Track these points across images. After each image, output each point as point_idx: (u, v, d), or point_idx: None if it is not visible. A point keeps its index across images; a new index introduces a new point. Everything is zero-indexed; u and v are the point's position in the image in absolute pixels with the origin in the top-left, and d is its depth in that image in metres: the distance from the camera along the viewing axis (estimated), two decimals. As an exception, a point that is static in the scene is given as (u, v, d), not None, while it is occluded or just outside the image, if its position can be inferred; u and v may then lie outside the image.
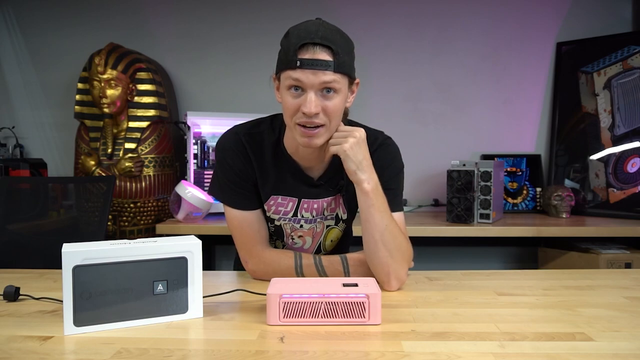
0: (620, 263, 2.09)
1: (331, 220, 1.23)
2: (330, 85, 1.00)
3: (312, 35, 0.99)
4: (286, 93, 1.03)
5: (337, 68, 1.00)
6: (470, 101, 2.71)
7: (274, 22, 2.68)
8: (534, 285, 1.15)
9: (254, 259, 1.17)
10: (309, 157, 1.15)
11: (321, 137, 1.05)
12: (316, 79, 0.99)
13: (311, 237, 1.24)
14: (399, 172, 1.20)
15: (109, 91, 2.25)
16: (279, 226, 1.22)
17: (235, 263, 1.40)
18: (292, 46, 1.00)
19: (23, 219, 1.82)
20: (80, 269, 0.82)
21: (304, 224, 1.22)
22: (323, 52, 0.99)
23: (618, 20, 2.63)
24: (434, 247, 2.56)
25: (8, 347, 0.78)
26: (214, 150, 1.13)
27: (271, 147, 1.16)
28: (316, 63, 0.98)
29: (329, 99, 1.01)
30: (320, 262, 1.14)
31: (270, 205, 1.19)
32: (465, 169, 2.17)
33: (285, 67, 1.01)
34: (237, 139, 1.16)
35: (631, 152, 2.38)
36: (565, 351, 0.75)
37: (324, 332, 0.84)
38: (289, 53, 1.00)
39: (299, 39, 0.99)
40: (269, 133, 1.17)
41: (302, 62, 0.98)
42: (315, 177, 1.18)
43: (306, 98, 1.00)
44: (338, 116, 1.05)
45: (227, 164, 1.16)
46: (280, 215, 1.20)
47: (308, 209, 1.20)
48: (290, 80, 1.00)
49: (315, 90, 1.00)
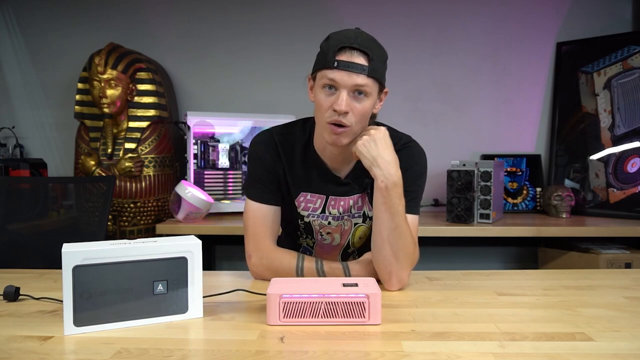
0: (620, 263, 2.09)
1: (358, 218, 1.25)
2: (362, 89, 1.06)
3: (352, 41, 1.06)
4: (320, 91, 1.08)
5: (371, 73, 1.06)
6: (470, 101, 2.71)
7: (274, 22, 2.68)
8: (534, 285, 1.15)
9: (258, 253, 1.18)
10: (336, 157, 1.19)
11: (346, 137, 1.10)
12: (350, 80, 1.04)
13: (339, 234, 1.27)
14: (420, 177, 1.22)
15: (109, 91, 2.25)
16: (308, 223, 1.25)
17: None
18: (331, 48, 1.06)
19: (23, 219, 1.82)
20: (80, 269, 0.83)
21: (332, 221, 1.24)
22: (360, 57, 1.05)
23: (618, 20, 2.63)
24: (434, 247, 2.55)
25: (8, 347, 0.78)
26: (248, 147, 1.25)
27: (301, 147, 1.22)
28: (352, 66, 1.04)
29: (359, 101, 1.07)
30: (321, 267, 1.15)
31: (300, 202, 1.23)
32: (465, 169, 2.17)
33: (322, 66, 1.07)
34: (270, 137, 1.22)
35: (631, 152, 2.38)
36: (565, 351, 0.75)
37: (324, 332, 0.84)
38: (327, 54, 1.06)
39: (339, 42, 1.06)
40: (300, 134, 1.22)
41: (339, 63, 1.04)
42: (342, 176, 1.22)
43: (338, 96, 1.05)
44: (364, 119, 1.10)
45: (257, 157, 1.21)
46: (310, 212, 1.24)
47: (335, 206, 1.23)
48: (326, 79, 1.06)
49: (348, 91, 1.05)
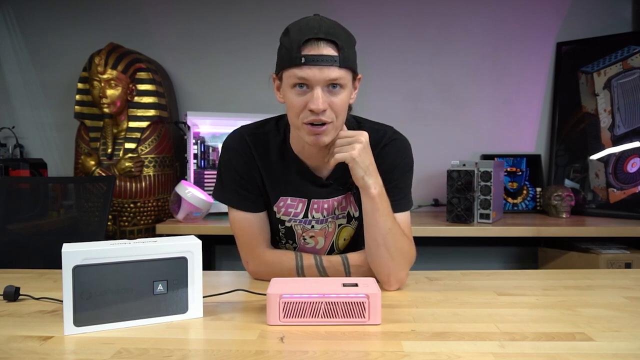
0: (620, 263, 2.09)
1: (343, 219, 1.20)
2: (336, 81, 0.98)
3: (316, 31, 0.96)
4: (290, 91, 1.00)
5: (343, 63, 0.97)
6: (470, 101, 2.71)
7: (274, 22, 2.66)
8: (534, 285, 1.15)
9: (255, 260, 1.16)
10: (316, 157, 1.12)
11: (329, 135, 1.02)
12: (322, 75, 0.96)
13: (323, 237, 1.22)
14: (409, 170, 1.17)
15: (109, 91, 2.24)
16: (289, 227, 1.20)
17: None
18: (294, 43, 0.96)
19: (23, 219, 1.82)
20: (80, 269, 0.82)
21: (315, 225, 1.19)
22: (328, 47, 0.96)
23: (618, 20, 2.63)
24: (434, 247, 2.56)
25: (8, 347, 0.78)
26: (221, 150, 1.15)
27: (277, 147, 1.14)
28: (322, 59, 0.95)
29: (335, 95, 0.99)
30: (321, 263, 1.13)
31: (280, 207, 1.17)
32: (465, 169, 2.17)
33: (288, 64, 0.98)
34: (242, 139, 1.14)
35: (631, 152, 2.38)
36: (565, 351, 0.75)
37: (324, 332, 0.84)
38: (291, 50, 0.96)
39: (302, 34, 0.96)
40: (274, 133, 1.15)
41: (307, 59, 0.95)
42: (324, 177, 1.15)
43: (313, 95, 0.97)
44: (344, 112, 1.03)
45: (231, 165, 1.14)
46: (291, 217, 1.18)
47: (318, 209, 1.17)
48: (295, 78, 0.97)
49: (322, 87, 0.97)
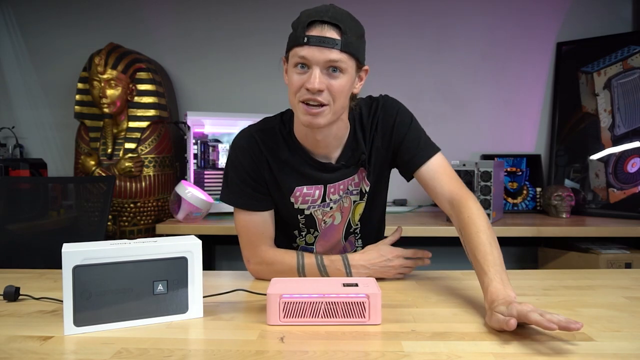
0: (620, 263, 2.09)
1: (356, 195, 1.22)
2: (336, 64, 0.99)
3: (322, 14, 0.99)
4: (292, 71, 1.02)
5: (344, 47, 0.99)
6: (471, 101, 2.71)
7: (274, 22, 2.67)
8: (534, 285, 1.15)
9: (256, 259, 1.17)
10: (319, 143, 1.13)
11: (325, 117, 1.03)
12: (322, 55, 0.98)
13: (340, 212, 1.23)
14: (411, 120, 1.19)
15: (109, 91, 2.24)
16: (309, 215, 1.21)
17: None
18: (301, 24, 1.00)
19: (23, 219, 1.82)
20: (80, 269, 0.82)
21: (333, 205, 1.21)
22: (331, 30, 0.99)
23: (618, 20, 2.63)
24: (434, 247, 2.54)
25: (8, 347, 0.78)
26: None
27: (284, 140, 1.16)
28: (323, 40, 0.98)
29: (335, 78, 1.00)
30: (321, 262, 1.14)
31: (297, 197, 1.18)
32: (465, 169, 2.17)
33: (293, 44, 1.01)
34: (250, 137, 1.16)
35: (631, 152, 2.38)
36: (565, 351, 0.75)
37: (324, 332, 0.84)
38: (297, 30, 1.00)
39: (309, 17, 1.00)
40: (280, 127, 1.17)
41: (309, 39, 0.98)
42: (333, 161, 1.17)
43: (311, 74, 0.99)
44: (343, 97, 1.04)
45: (239, 162, 1.16)
46: (309, 204, 1.19)
47: (335, 191, 1.19)
48: (297, 57, 1.00)
49: (321, 68, 0.99)
